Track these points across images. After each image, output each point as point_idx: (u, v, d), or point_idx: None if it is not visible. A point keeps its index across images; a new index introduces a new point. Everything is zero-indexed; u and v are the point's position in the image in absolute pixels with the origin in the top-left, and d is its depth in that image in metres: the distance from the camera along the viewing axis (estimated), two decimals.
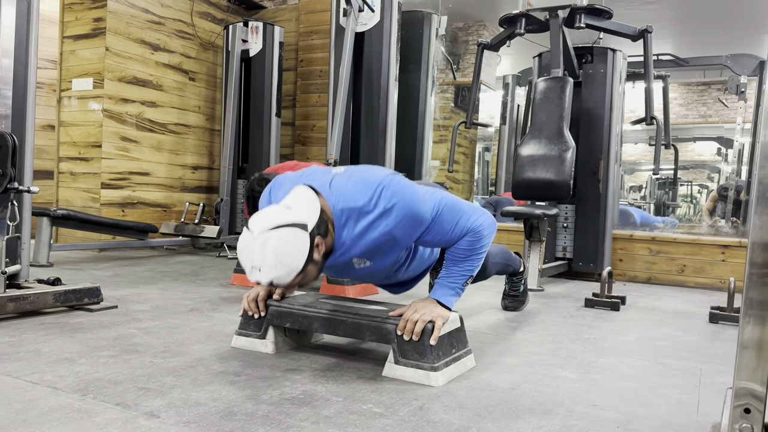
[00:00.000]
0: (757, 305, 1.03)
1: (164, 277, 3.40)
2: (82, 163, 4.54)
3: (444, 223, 1.69)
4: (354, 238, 1.62)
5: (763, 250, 1.02)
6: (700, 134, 11.66)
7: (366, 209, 1.59)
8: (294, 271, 1.50)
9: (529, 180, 3.59)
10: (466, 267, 1.75)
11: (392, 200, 1.58)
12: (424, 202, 1.65)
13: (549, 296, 3.29)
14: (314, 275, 1.59)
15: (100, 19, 4.45)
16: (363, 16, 4.62)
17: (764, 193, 1.02)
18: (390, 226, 1.59)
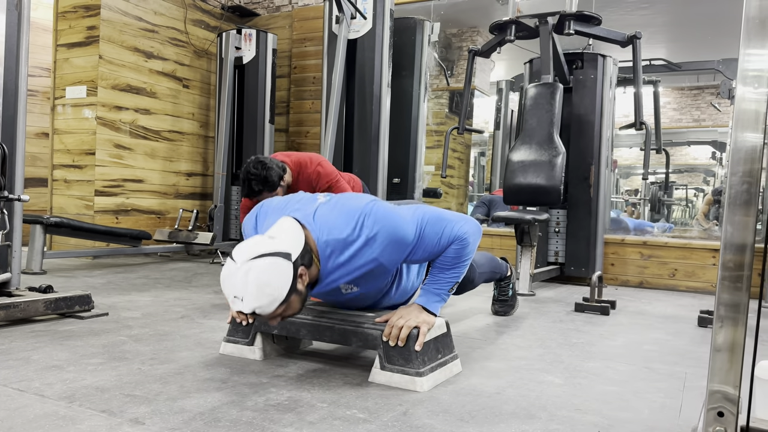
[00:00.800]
0: (729, 308, 1.05)
1: (157, 284, 3.41)
2: (76, 170, 4.55)
3: (429, 238, 1.70)
4: (340, 268, 1.65)
5: (734, 254, 1.04)
6: (694, 138, 11.70)
7: (350, 239, 1.62)
8: (276, 300, 1.50)
9: (520, 185, 3.61)
10: (452, 274, 1.76)
11: (375, 228, 1.61)
12: (407, 224, 1.66)
13: (540, 301, 3.31)
14: (298, 306, 1.59)
15: (94, 27, 4.47)
16: (355, 23, 4.65)
17: (735, 198, 1.04)
18: (375, 254, 1.62)
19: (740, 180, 1.04)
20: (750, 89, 1.04)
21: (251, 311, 1.50)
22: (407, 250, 1.68)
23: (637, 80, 3.63)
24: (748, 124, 1.03)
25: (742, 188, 1.03)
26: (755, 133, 1.03)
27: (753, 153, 1.03)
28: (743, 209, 1.03)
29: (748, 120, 1.04)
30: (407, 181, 4.97)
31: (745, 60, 1.06)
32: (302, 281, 1.56)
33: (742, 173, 1.04)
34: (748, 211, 1.03)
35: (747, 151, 1.03)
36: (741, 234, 1.04)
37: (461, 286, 2.33)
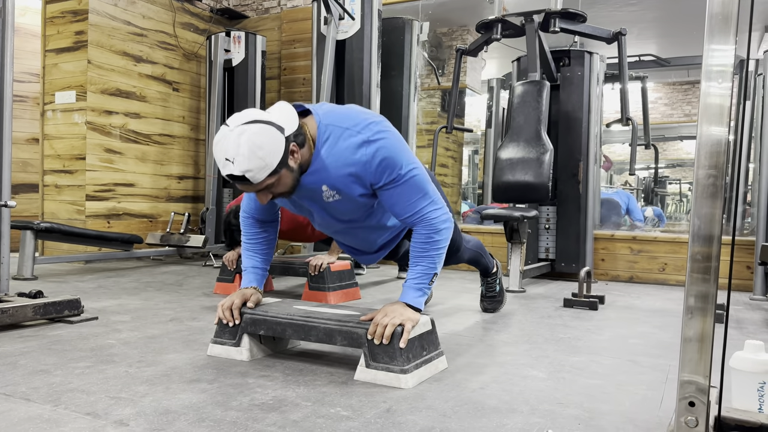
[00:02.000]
0: (698, 299, 1.07)
1: (148, 287, 3.42)
2: (67, 175, 4.55)
3: (408, 189, 1.70)
4: (331, 158, 1.66)
5: (701, 246, 1.06)
6: (686, 133, 11.74)
7: (351, 131, 1.65)
8: (268, 167, 1.52)
9: (509, 183, 3.63)
10: (428, 264, 1.76)
11: (378, 135, 1.65)
12: (406, 157, 1.70)
13: (529, 297, 3.33)
14: (288, 185, 1.61)
15: (82, 32, 4.47)
16: (343, 24, 4.66)
17: (702, 192, 1.06)
18: (367, 157, 1.64)
19: (706, 174, 1.06)
20: (714, 84, 1.06)
21: (241, 174, 1.51)
22: (390, 176, 1.68)
23: (623, 76, 3.65)
24: (713, 119, 1.05)
25: (708, 182, 1.05)
26: (720, 127, 1.05)
27: (718, 147, 1.05)
28: (710, 202, 1.05)
29: (713, 114, 1.06)
30: None
31: (709, 56, 1.08)
32: (294, 159, 1.60)
33: (708, 166, 1.06)
34: (715, 203, 1.05)
35: (713, 145, 1.05)
36: (708, 226, 1.06)
37: (447, 255, 2.25)
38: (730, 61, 1.06)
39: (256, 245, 2.00)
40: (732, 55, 1.09)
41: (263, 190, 1.59)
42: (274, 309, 1.87)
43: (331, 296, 2.93)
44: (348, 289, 3.05)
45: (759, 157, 3.99)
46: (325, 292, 2.93)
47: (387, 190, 1.71)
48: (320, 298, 2.93)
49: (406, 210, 1.73)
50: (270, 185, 1.58)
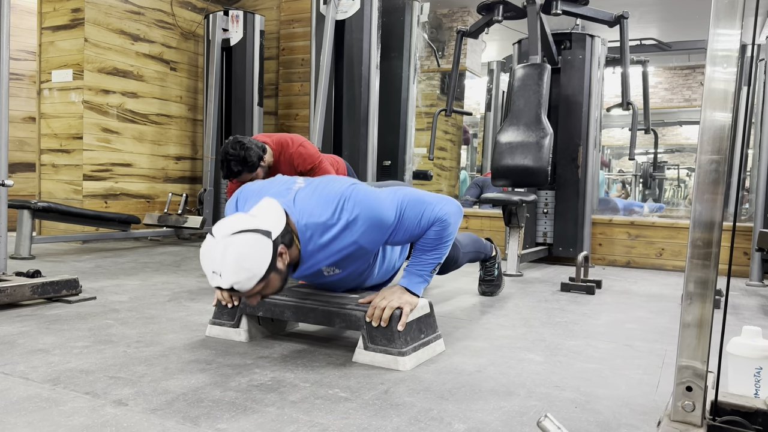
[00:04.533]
0: (697, 285, 1.07)
1: (145, 267, 3.42)
2: (64, 155, 4.52)
3: (409, 220, 1.71)
4: (321, 250, 1.67)
5: (702, 232, 1.06)
6: (686, 118, 11.68)
7: (329, 223, 1.63)
8: (255, 276, 1.49)
9: (508, 167, 3.62)
10: (434, 255, 1.78)
11: (354, 211, 1.62)
12: (387, 207, 1.68)
13: (527, 281, 3.34)
14: (277, 286, 1.59)
15: (78, 9, 4.42)
16: (343, 3, 4.61)
17: (704, 178, 1.06)
18: (355, 236, 1.64)
19: (708, 159, 1.05)
20: (719, 69, 1.05)
21: (229, 287, 1.49)
22: (387, 233, 1.69)
23: (625, 60, 3.63)
24: (717, 104, 1.05)
25: (710, 167, 1.05)
26: (724, 113, 1.04)
27: (721, 132, 1.04)
28: (712, 188, 1.05)
29: (717, 100, 1.05)
30: (397, 163, 4.97)
31: (715, 40, 1.07)
32: (282, 260, 1.57)
33: (710, 151, 1.05)
34: (716, 189, 1.05)
35: (716, 131, 1.05)
36: (709, 212, 1.06)
37: (445, 266, 2.37)
38: (736, 46, 1.05)
39: None
40: (737, 40, 1.08)
41: (253, 295, 1.57)
42: None
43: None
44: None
45: (759, 143, 3.98)
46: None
47: (393, 237, 1.72)
48: None
49: (420, 233, 1.74)
50: (259, 290, 1.55)
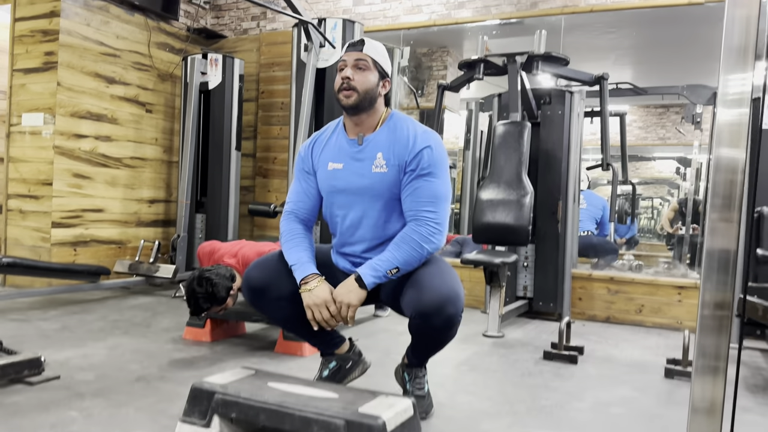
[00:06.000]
0: (709, 357, 1.01)
1: (114, 329, 3.28)
2: (32, 200, 4.38)
3: (427, 190, 1.89)
4: (392, 130, 1.95)
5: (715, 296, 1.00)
6: (660, 154, 11.90)
7: (413, 126, 1.97)
8: (384, 58, 1.99)
9: (489, 224, 3.58)
10: (397, 256, 1.87)
11: (430, 142, 1.92)
12: (442, 169, 1.94)
13: (508, 345, 3.28)
14: (371, 83, 1.91)
15: (52, 53, 4.31)
16: (324, 52, 4.58)
17: (713, 230, 1.01)
18: (413, 141, 1.91)
19: (719, 216, 1.02)
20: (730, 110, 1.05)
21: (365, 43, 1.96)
22: (417, 167, 1.90)
23: (604, 121, 3.65)
24: (729, 145, 1.03)
25: (719, 220, 1.01)
26: (737, 150, 1.02)
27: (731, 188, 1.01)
28: (723, 242, 1.00)
29: (728, 140, 1.03)
30: None
31: (725, 85, 1.09)
32: (384, 86, 1.97)
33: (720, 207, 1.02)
34: (729, 239, 1.01)
35: (725, 195, 1.02)
36: (722, 281, 1.02)
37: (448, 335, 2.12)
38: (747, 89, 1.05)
39: (296, 238, 2.03)
40: (749, 84, 1.10)
41: (358, 67, 1.91)
42: (247, 389, 1.77)
43: (307, 346, 2.83)
44: None
45: None
46: (300, 343, 2.83)
47: (412, 179, 1.90)
48: (294, 349, 2.84)
49: (415, 205, 1.90)
50: (365, 65, 1.90)
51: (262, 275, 1.99)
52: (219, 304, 2.79)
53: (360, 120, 1.97)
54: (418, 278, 1.88)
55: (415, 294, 1.84)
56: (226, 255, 3.04)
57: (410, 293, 1.86)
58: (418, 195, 1.90)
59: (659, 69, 8.43)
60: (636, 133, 11.99)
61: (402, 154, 1.91)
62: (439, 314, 1.80)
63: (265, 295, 1.99)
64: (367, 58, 1.92)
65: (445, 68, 6.84)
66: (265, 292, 1.99)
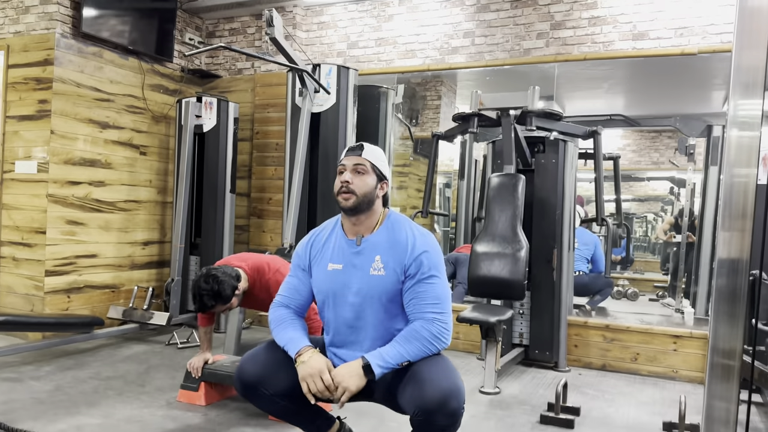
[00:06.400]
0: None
1: (108, 389, 3.25)
2: (26, 248, 4.35)
3: (431, 292, 1.92)
4: (390, 232, 2.00)
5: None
6: (653, 175, 12.00)
7: (412, 228, 2.03)
8: (384, 164, 2.06)
9: (485, 278, 3.59)
10: (410, 352, 1.87)
11: (427, 246, 1.96)
12: (440, 270, 1.96)
13: (505, 404, 3.27)
14: (369, 186, 1.98)
15: (45, 101, 4.31)
16: (319, 97, 4.59)
17: (720, 298, 1.00)
18: (412, 246, 1.94)
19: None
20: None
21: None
22: (418, 272, 1.92)
23: (599, 176, 3.66)
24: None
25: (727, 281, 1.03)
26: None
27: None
28: (730, 298, 1.00)
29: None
30: None
31: (737, 109, 1.22)
32: (382, 188, 2.04)
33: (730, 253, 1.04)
34: (737, 281, 1.03)
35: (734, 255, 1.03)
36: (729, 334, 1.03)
37: None
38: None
39: (286, 321, 2.07)
40: (759, 109, 1.25)
41: (357, 171, 1.98)
42: None
43: None
44: None
45: None
46: None
47: (413, 284, 1.93)
48: None
49: (421, 307, 1.92)
50: (363, 169, 1.97)
51: (255, 370, 1.98)
52: (224, 302, 2.81)
53: (359, 221, 2.01)
54: (416, 373, 1.87)
55: (417, 390, 1.82)
56: (234, 259, 3.05)
57: (411, 390, 1.84)
58: (422, 298, 1.92)
59: (652, 97, 8.50)
60: (629, 157, 12.07)
61: (401, 259, 1.95)
62: (443, 410, 1.79)
63: (258, 391, 1.98)
64: (365, 162, 2.00)
65: (438, 98, 6.86)
66: (257, 387, 1.97)
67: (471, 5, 4.59)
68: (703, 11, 3.97)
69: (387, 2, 4.89)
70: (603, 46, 4.22)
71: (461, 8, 4.63)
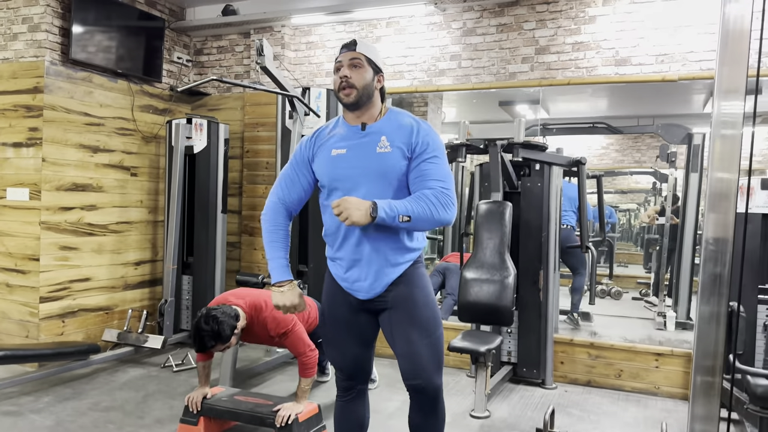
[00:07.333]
0: None
1: (108, 422, 3.33)
2: (19, 275, 4.38)
3: (436, 170, 2.00)
4: (391, 120, 2.07)
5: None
6: (637, 169, 12.17)
7: (408, 113, 2.12)
8: (376, 55, 2.13)
9: (475, 304, 3.70)
10: (415, 209, 1.95)
11: (425, 126, 2.07)
12: (441, 149, 2.07)
13: (495, 428, 3.39)
14: (366, 80, 2.05)
15: (36, 129, 4.32)
16: (309, 120, 4.66)
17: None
18: (415, 125, 2.04)
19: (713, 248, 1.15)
20: None
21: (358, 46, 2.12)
22: (424, 150, 2.01)
23: (582, 203, 3.77)
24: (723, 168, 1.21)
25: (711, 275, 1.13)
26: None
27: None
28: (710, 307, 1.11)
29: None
30: None
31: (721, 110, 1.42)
32: (379, 80, 2.12)
33: None
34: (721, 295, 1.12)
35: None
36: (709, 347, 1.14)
37: None
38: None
39: (278, 234, 2.19)
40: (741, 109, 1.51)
41: (354, 65, 2.03)
42: None
43: None
44: None
45: None
46: None
47: (420, 162, 2.01)
48: None
49: (427, 183, 1.99)
50: (359, 63, 2.02)
51: None
52: (223, 342, 2.90)
53: (361, 113, 2.08)
54: (409, 337, 2.08)
55: (404, 358, 2.10)
56: (232, 297, 3.12)
57: (401, 360, 2.12)
58: (429, 175, 2.00)
59: (635, 100, 8.65)
60: (613, 156, 12.28)
61: (407, 139, 2.02)
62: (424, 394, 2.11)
63: None
64: (360, 56, 2.05)
65: (425, 104, 6.93)
66: None
67: (457, 29, 4.66)
68: (683, 39, 4.08)
69: (374, 24, 4.94)
70: (586, 71, 4.32)
71: (448, 31, 4.70)
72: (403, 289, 2.10)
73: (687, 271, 5.54)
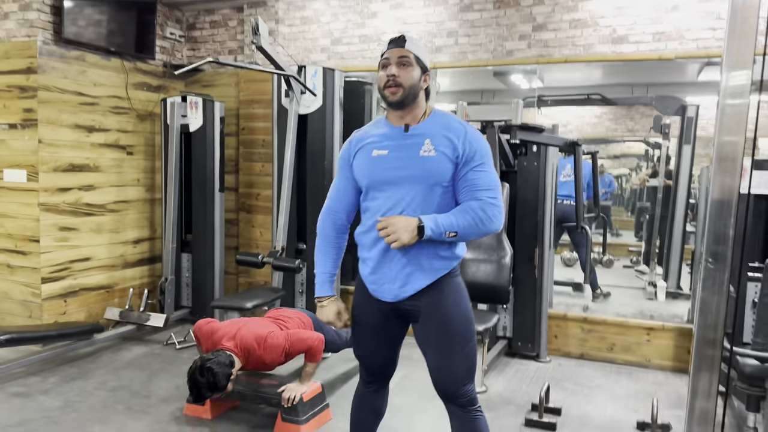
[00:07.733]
0: None
1: (116, 402, 3.41)
2: (20, 256, 4.41)
3: (486, 180, 1.96)
4: (436, 122, 2.01)
5: None
6: (629, 137, 12.25)
7: (455, 118, 2.08)
8: (423, 54, 2.06)
9: (472, 284, 3.74)
10: (462, 224, 1.93)
11: (472, 130, 2.01)
12: (490, 158, 2.01)
13: (492, 403, 3.50)
14: (413, 79, 1.99)
15: (31, 110, 4.29)
16: (305, 98, 4.65)
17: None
18: (462, 131, 1.98)
19: None
20: None
21: (406, 39, 2.04)
22: (472, 158, 1.96)
23: (578, 184, 3.82)
24: None
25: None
26: None
27: None
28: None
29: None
30: None
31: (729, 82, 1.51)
32: (425, 80, 2.07)
33: None
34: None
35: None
36: None
37: None
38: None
39: (325, 246, 2.17)
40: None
41: (402, 63, 1.96)
42: None
43: (304, 428, 3.02)
44: (320, 414, 3.15)
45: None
46: (298, 426, 3.01)
47: (468, 170, 1.96)
48: (293, 431, 3.02)
49: (475, 193, 1.95)
50: (407, 61, 1.96)
51: None
52: (220, 391, 2.95)
53: (405, 113, 2.02)
54: (440, 349, 2.04)
55: (435, 370, 2.08)
56: (224, 338, 3.15)
57: (433, 372, 2.09)
58: (477, 184, 1.96)
59: (630, 70, 8.63)
60: (607, 125, 12.30)
61: (454, 144, 1.96)
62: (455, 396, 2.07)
63: None
64: (409, 54, 1.98)
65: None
66: None
67: (454, 4, 4.63)
68: (681, 17, 4.08)
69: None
70: (583, 48, 4.32)
71: (444, 7, 4.66)
72: (438, 299, 2.03)
73: (678, 241, 5.63)
